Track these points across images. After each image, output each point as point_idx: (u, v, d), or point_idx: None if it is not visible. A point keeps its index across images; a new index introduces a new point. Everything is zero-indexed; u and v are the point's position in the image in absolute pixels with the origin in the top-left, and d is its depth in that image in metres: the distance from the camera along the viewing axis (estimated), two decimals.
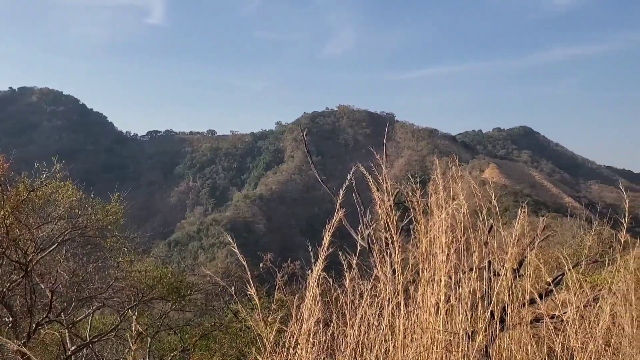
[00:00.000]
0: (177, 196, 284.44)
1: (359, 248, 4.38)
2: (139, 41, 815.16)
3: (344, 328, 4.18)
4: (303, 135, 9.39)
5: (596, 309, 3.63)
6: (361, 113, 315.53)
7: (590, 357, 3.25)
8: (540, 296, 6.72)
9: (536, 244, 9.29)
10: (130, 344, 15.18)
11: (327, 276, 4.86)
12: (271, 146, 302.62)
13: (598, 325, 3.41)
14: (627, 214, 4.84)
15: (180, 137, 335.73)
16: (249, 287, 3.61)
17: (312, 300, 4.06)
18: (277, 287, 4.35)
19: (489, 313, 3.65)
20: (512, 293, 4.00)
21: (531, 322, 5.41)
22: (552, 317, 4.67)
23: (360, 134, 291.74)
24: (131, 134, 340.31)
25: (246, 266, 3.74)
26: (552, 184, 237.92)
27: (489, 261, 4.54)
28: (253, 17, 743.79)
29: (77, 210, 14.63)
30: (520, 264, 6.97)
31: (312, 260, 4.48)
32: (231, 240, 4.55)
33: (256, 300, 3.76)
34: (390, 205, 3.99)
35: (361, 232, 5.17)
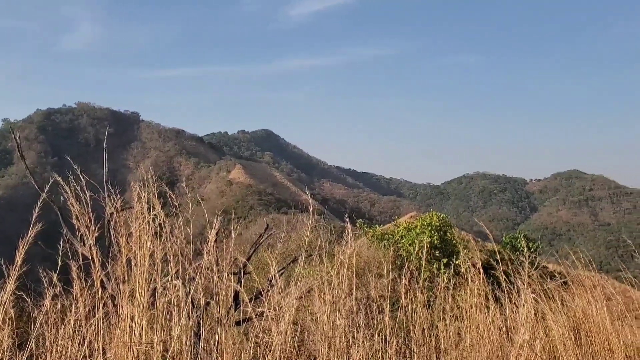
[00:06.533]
0: None
1: (59, 263, 4.10)
2: None
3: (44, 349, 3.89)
4: (15, 138, 8.42)
5: (286, 303, 4.00)
6: (103, 111, 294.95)
7: (276, 351, 3.58)
8: (258, 294, 7.16)
9: (261, 241, 9.83)
10: None
11: (24, 296, 4.45)
12: None
13: (285, 319, 3.76)
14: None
15: None
16: None
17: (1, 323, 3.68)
18: None
19: (191, 320, 3.75)
20: (219, 295, 4.18)
21: (244, 321, 5.72)
22: (260, 314, 5.02)
23: (103, 134, 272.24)
24: None
25: None
26: (291, 182, 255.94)
27: (209, 265, 4.68)
28: None
29: None
30: (245, 265, 7.33)
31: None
32: None
33: None
34: (90, 218, 3.81)
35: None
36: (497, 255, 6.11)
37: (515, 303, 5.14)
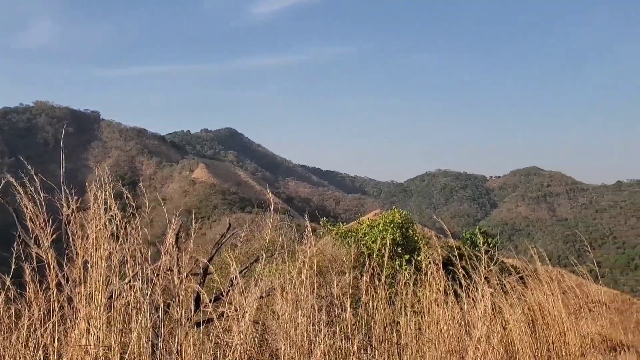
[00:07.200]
0: None
1: (13, 267, 3.98)
2: None
3: None
4: None
5: (246, 302, 3.98)
6: (62, 110, 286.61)
7: (237, 351, 3.56)
8: (220, 295, 7.10)
9: (224, 241, 9.73)
10: None
11: None
12: None
13: (245, 318, 3.75)
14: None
15: None
16: None
17: None
18: None
19: (150, 321, 3.70)
20: (179, 296, 4.13)
21: (205, 322, 5.67)
22: (221, 315, 4.97)
23: (62, 133, 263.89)
24: None
25: None
26: (255, 181, 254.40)
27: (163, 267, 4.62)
28: None
29: None
30: (207, 265, 7.26)
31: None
32: None
33: None
34: (45, 219, 3.71)
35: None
36: (457, 251, 6.23)
37: (473, 298, 5.25)
